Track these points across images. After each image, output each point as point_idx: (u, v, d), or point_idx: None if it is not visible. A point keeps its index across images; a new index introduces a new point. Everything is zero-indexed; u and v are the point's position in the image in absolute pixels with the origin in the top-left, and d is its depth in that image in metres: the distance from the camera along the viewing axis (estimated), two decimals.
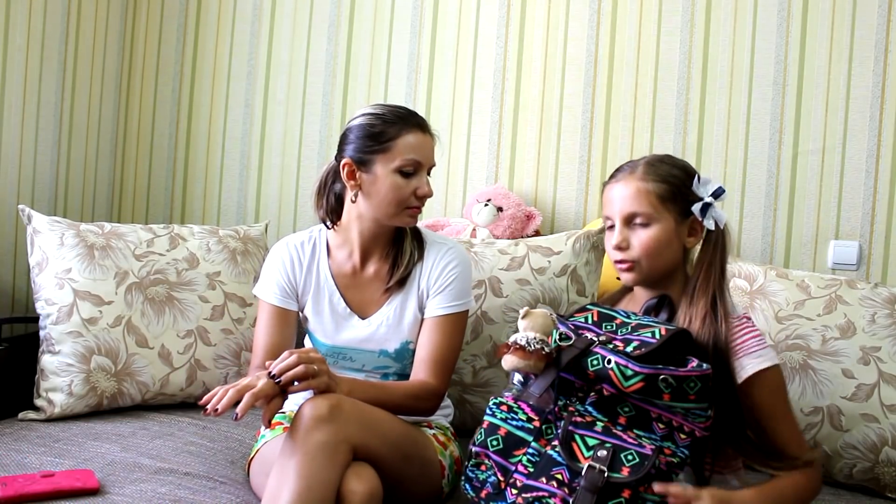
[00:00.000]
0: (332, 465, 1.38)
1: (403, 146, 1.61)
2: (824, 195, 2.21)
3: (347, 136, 1.66)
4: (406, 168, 1.61)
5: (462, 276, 1.71)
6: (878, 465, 1.77)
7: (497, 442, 1.34)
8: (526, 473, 1.30)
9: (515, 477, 1.31)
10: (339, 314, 1.70)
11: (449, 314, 1.68)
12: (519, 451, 1.33)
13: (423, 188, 1.63)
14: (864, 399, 1.79)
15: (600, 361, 1.29)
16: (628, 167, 1.51)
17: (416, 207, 1.65)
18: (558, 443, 1.29)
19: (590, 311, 1.44)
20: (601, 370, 1.28)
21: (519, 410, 1.35)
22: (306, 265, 1.72)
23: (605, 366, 1.28)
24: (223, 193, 2.58)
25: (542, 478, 1.28)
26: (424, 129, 1.65)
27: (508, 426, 1.35)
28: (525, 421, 1.34)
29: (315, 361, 1.45)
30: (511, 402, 1.36)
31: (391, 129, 1.61)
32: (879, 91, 2.17)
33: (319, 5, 2.50)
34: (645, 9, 2.30)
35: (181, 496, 1.52)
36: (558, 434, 1.30)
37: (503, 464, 1.33)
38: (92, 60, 2.47)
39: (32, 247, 2.00)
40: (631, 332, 1.35)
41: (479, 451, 1.35)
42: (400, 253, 1.71)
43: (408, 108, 1.68)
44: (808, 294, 1.91)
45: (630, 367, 1.26)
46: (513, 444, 1.33)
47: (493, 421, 1.36)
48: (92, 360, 1.91)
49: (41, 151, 2.30)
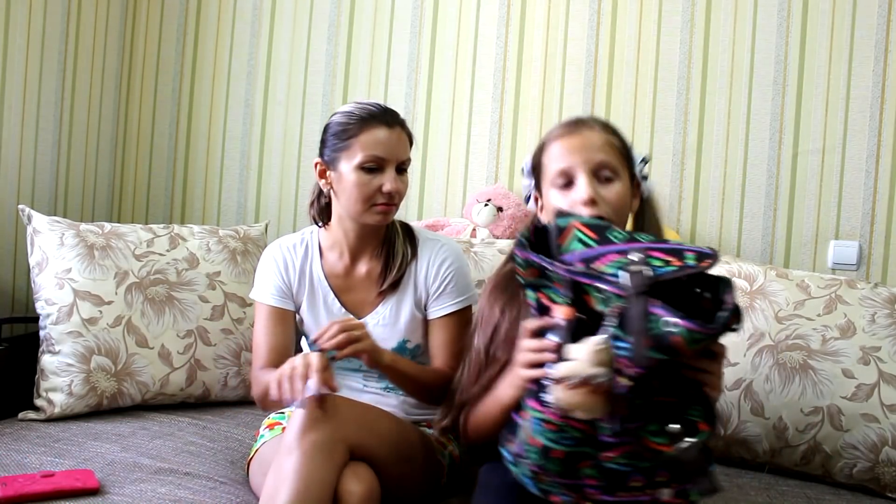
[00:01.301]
0: (329, 464, 1.38)
1: (365, 142, 1.60)
2: (824, 195, 2.21)
3: (323, 136, 1.68)
4: (368, 164, 1.60)
5: (459, 271, 1.71)
6: (879, 464, 1.77)
7: (556, 465, 1.16)
8: (599, 487, 1.16)
9: (589, 492, 1.17)
10: (334, 315, 1.70)
11: (455, 311, 1.69)
12: (584, 464, 1.16)
13: (388, 184, 1.60)
14: (865, 399, 1.78)
15: (657, 324, 1.05)
16: (586, 122, 1.36)
17: (384, 204, 1.62)
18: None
19: (577, 231, 1.19)
20: (661, 336, 1.04)
21: (569, 429, 1.14)
22: (299, 267, 1.72)
23: (663, 329, 1.04)
24: (223, 193, 2.58)
25: (618, 492, 1.15)
26: (391, 125, 1.62)
27: (563, 447, 1.15)
28: (580, 437, 1.14)
29: (357, 327, 1.50)
30: (556, 420, 1.14)
31: (354, 126, 1.61)
32: (879, 91, 2.17)
33: (319, 5, 2.50)
34: (645, 9, 2.30)
35: (181, 496, 1.52)
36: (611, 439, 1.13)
37: (570, 483, 1.18)
38: (92, 60, 2.47)
39: (32, 247, 2.00)
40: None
41: (536, 471, 1.18)
42: (392, 253, 1.70)
43: (382, 106, 1.65)
44: (808, 294, 1.91)
45: (700, 332, 1.03)
46: (574, 461, 1.16)
47: (543, 442, 1.15)
48: (92, 360, 1.91)
49: (41, 151, 2.30)
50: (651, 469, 1.14)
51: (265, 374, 1.62)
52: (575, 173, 1.31)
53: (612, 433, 1.11)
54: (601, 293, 1.11)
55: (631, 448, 1.12)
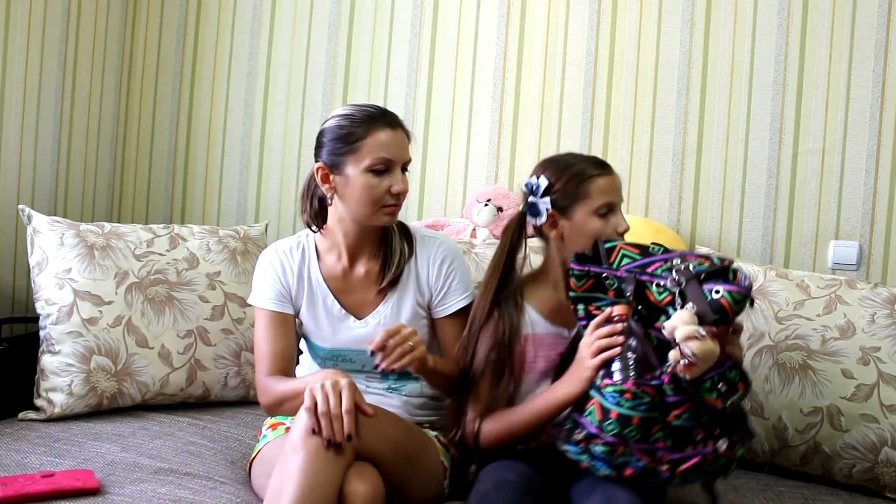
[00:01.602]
0: (334, 465, 1.38)
1: (372, 145, 1.59)
2: (824, 195, 2.21)
3: (321, 140, 1.65)
4: (377, 167, 1.60)
5: (460, 268, 1.73)
6: (878, 465, 1.77)
7: (634, 432, 1.38)
8: (668, 447, 1.39)
9: (661, 455, 1.39)
10: (334, 317, 1.70)
11: (462, 308, 1.71)
12: (655, 430, 1.39)
13: (397, 185, 1.61)
14: (864, 399, 1.79)
15: (709, 294, 1.38)
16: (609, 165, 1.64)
17: (392, 205, 1.62)
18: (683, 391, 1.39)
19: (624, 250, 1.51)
20: (712, 302, 1.37)
21: (643, 395, 1.39)
22: (297, 270, 1.71)
23: (713, 297, 1.37)
24: (223, 193, 2.57)
25: (687, 447, 1.39)
26: (394, 126, 1.63)
27: (639, 413, 1.38)
28: (651, 402, 1.38)
29: (409, 336, 1.49)
30: (633, 388, 1.39)
31: (359, 129, 1.60)
32: (879, 91, 2.17)
33: (319, 5, 2.50)
34: (645, 9, 2.30)
35: (181, 496, 1.52)
36: (674, 399, 1.39)
37: (646, 448, 1.39)
38: (92, 60, 2.47)
39: (32, 247, 2.00)
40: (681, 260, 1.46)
41: (614, 442, 1.39)
42: (390, 252, 1.70)
43: (379, 107, 1.66)
44: (808, 294, 1.91)
45: (738, 291, 1.38)
46: (648, 426, 1.39)
47: (622, 412, 1.39)
48: (92, 360, 1.91)
49: (41, 151, 2.30)
50: (709, 423, 1.40)
51: (274, 384, 1.62)
52: (616, 208, 1.60)
53: (676, 384, 1.38)
54: (660, 287, 1.43)
55: (691, 405, 1.38)
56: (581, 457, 1.43)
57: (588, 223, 1.57)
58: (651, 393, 1.38)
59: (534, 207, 1.61)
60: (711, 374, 1.38)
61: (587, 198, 1.57)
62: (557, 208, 1.59)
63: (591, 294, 1.53)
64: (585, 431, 1.43)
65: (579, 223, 1.58)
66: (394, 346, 1.47)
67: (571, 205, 1.58)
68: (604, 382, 1.43)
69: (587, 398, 1.45)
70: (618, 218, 1.59)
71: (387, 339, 1.47)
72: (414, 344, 1.49)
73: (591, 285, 1.52)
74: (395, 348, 1.46)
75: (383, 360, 1.46)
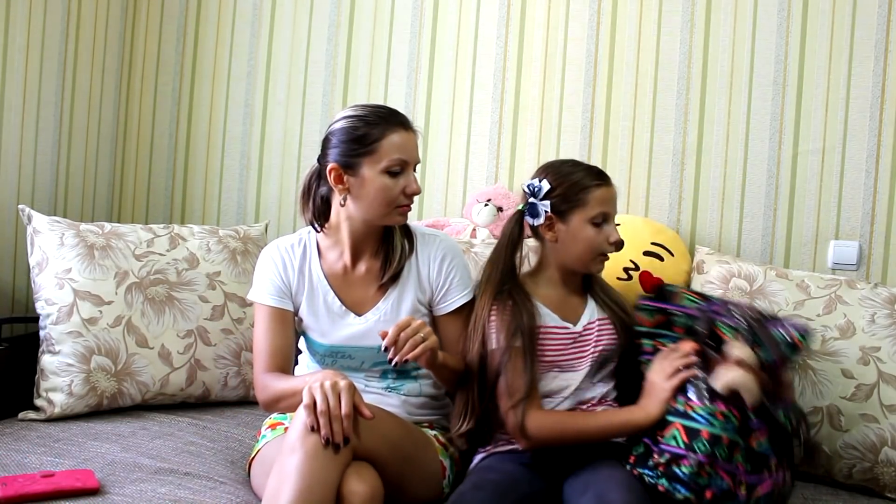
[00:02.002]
0: (332, 464, 1.38)
1: (389, 146, 1.61)
2: (824, 195, 2.21)
3: (330, 141, 1.65)
4: (393, 168, 1.61)
5: (460, 265, 1.75)
6: (878, 465, 1.77)
7: (723, 452, 1.46)
8: (748, 471, 1.47)
9: (741, 477, 1.46)
10: (334, 313, 1.70)
11: (463, 305, 1.72)
12: (736, 452, 1.47)
13: (412, 186, 1.63)
14: (864, 399, 1.79)
15: (780, 333, 1.53)
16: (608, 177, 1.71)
17: (405, 206, 1.65)
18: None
19: (685, 295, 1.66)
20: (784, 340, 1.53)
21: (732, 417, 1.47)
22: (298, 267, 1.72)
23: (783, 335, 1.53)
24: (223, 193, 2.58)
25: (763, 471, 1.48)
26: (407, 127, 1.65)
27: (728, 434, 1.46)
28: (737, 424, 1.47)
29: (419, 328, 1.49)
30: (724, 410, 1.47)
31: (375, 130, 1.61)
32: (879, 91, 2.17)
33: (319, 5, 2.50)
34: (645, 9, 2.30)
35: (181, 496, 1.52)
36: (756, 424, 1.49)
37: (729, 469, 1.46)
38: (92, 60, 2.47)
39: (32, 247, 2.00)
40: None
41: (702, 461, 1.45)
42: (391, 249, 1.71)
43: (388, 107, 1.68)
44: (808, 294, 1.91)
45: (805, 330, 1.55)
46: (732, 448, 1.46)
47: (714, 432, 1.46)
48: (92, 360, 1.91)
49: (41, 151, 2.30)
50: (781, 451, 1.50)
51: (272, 381, 1.62)
52: (609, 218, 1.67)
53: (759, 410, 1.47)
54: (730, 327, 1.55)
55: (770, 432, 1.48)
56: (659, 480, 1.49)
57: (582, 230, 1.65)
58: (737, 416, 1.47)
59: (533, 208, 1.68)
60: (785, 407, 1.52)
61: (584, 206, 1.65)
62: (555, 212, 1.66)
63: (659, 330, 1.63)
64: (668, 455, 1.49)
65: (574, 229, 1.66)
66: (406, 339, 1.47)
67: (569, 211, 1.66)
68: (690, 405, 1.50)
69: (663, 425, 1.52)
70: (610, 228, 1.67)
71: (398, 332, 1.47)
72: (425, 335, 1.49)
73: (661, 322, 1.64)
74: (406, 340, 1.47)
75: (396, 353, 1.47)
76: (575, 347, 1.67)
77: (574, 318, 1.69)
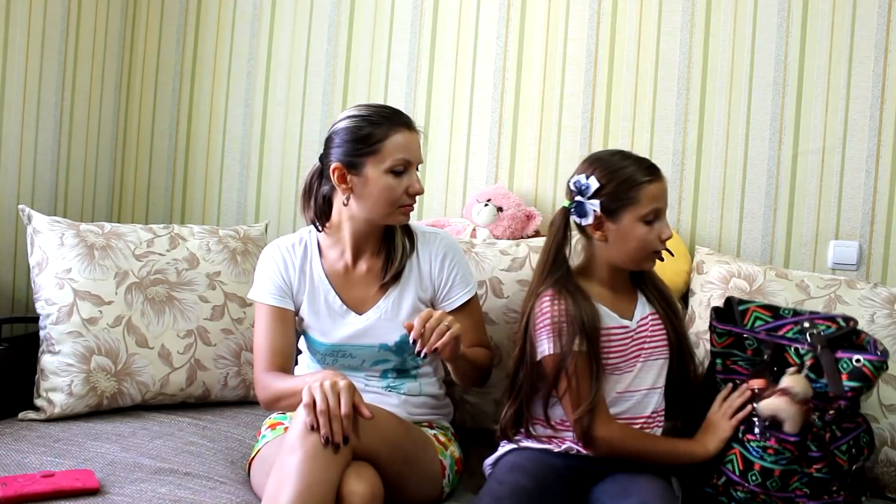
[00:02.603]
0: (332, 464, 1.38)
1: (392, 146, 1.61)
2: (824, 195, 2.21)
3: (333, 140, 1.65)
4: (397, 168, 1.62)
5: (461, 262, 1.75)
6: (878, 465, 1.77)
7: (775, 483, 1.52)
8: (806, 495, 1.53)
9: (799, 501, 1.53)
10: (335, 312, 1.70)
11: (466, 301, 1.73)
12: (793, 480, 1.53)
13: (415, 186, 1.64)
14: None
15: (849, 363, 1.53)
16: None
17: (408, 205, 1.65)
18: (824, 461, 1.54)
19: (757, 312, 1.66)
20: (854, 371, 1.52)
21: (784, 451, 1.51)
22: (299, 266, 1.72)
23: (854, 365, 1.52)
24: (223, 193, 2.57)
25: (823, 495, 1.54)
26: (411, 127, 1.65)
27: (780, 467, 1.52)
28: (791, 456, 1.52)
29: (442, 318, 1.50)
30: (775, 445, 1.52)
31: (378, 130, 1.61)
32: (879, 91, 2.17)
33: (319, 5, 2.50)
34: (645, 9, 2.30)
35: (181, 496, 1.52)
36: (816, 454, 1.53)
37: (785, 496, 1.54)
38: (92, 60, 2.47)
39: (32, 247, 2.00)
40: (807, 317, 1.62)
41: (756, 491, 1.54)
42: (392, 248, 1.71)
43: (391, 107, 1.68)
44: (808, 294, 1.91)
45: (879, 360, 1.52)
46: (788, 477, 1.53)
47: (765, 465, 1.53)
48: (92, 360, 1.91)
49: (41, 151, 2.30)
50: (843, 476, 1.55)
51: (273, 380, 1.62)
52: (662, 214, 1.61)
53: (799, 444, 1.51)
54: (798, 351, 1.58)
55: (828, 461, 1.53)
56: (720, 498, 1.59)
57: (634, 228, 1.58)
58: (791, 449, 1.51)
59: (581, 207, 1.61)
60: (849, 438, 1.55)
61: (636, 204, 1.57)
62: (604, 211, 1.59)
63: (730, 350, 1.65)
64: (725, 478, 1.57)
65: (625, 228, 1.58)
66: (431, 329, 1.48)
67: (619, 209, 1.58)
68: (747, 437, 1.55)
69: (727, 447, 1.58)
70: (662, 224, 1.60)
71: (423, 323, 1.48)
72: (449, 323, 1.50)
73: (730, 343, 1.65)
74: (433, 331, 1.48)
75: (423, 345, 1.47)
76: (634, 346, 1.63)
77: (629, 314, 1.65)
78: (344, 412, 1.39)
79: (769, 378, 1.57)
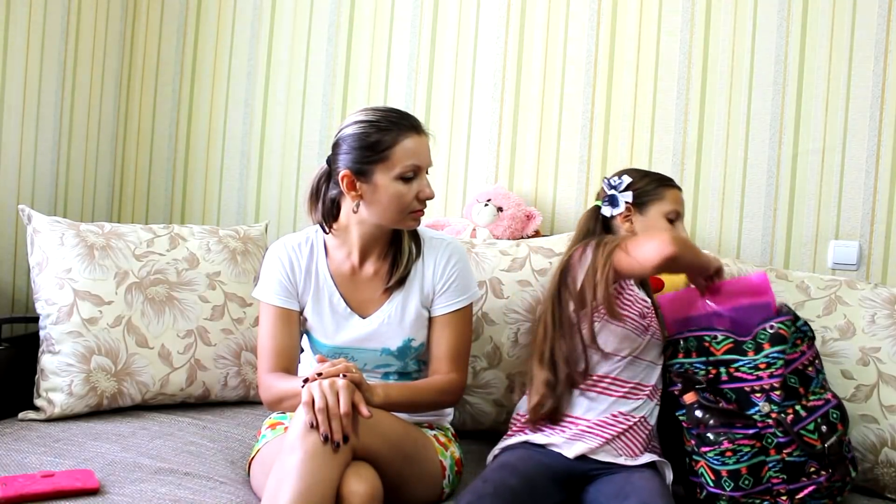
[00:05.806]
0: (331, 464, 1.38)
1: (402, 153, 1.59)
2: (824, 195, 2.21)
3: (341, 146, 1.63)
4: (407, 174, 1.60)
5: (463, 269, 1.72)
6: (878, 465, 1.77)
7: (748, 482, 1.56)
8: (784, 481, 1.56)
9: (778, 489, 1.56)
10: (339, 314, 1.70)
11: (457, 310, 1.70)
12: (764, 470, 1.57)
13: (426, 190, 1.62)
14: (864, 400, 1.79)
15: (765, 332, 1.63)
16: None
17: (419, 210, 1.64)
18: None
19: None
20: (773, 336, 1.62)
21: (742, 447, 1.56)
22: (305, 266, 1.71)
23: (769, 332, 1.63)
24: (223, 193, 2.58)
25: (801, 478, 1.56)
26: (419, 131, 1.63)
27: (745, 463, 1.56)
28: (751, 450, 1.56)
29: (349, 369, 1.46)
30: (731, 446, 1.57)
31: (387, 136, 1.59)
32: (879, 91, 2.17)
33: (319, 5, 2.50)
34: (645, 9, 2.30)
35: (181, 496, 1.52)
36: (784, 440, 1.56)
37: (764, 489, 1.57)
38: (92, 60, 2.47)
39: (32, 247, 2.00)
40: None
41: (735, 496, 1.57)
42: (399, 252, 1.70)
43: (399, 111, 1.66)
44: (808, 295, 1.91)
45: (788, 319, 1.65)
46: (758, 470, 1.57)
47: (730, 468, 1.56)
48: (92, 360, 1.91)
49: (41, 151, 2.30)
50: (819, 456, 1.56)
51: (276, 381, 1.62)
52: (681, 218, 1.83)
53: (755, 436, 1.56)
54: (717, 339, 1.68)
55: (798, 443, 1.55)
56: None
57: (658, 222, 1.79)
58: (749, 444, 1.56)
59: (614, 199, 1.80)
60: (815, 417, 1.58)
61: (662, 200, 1.80)
62: (635, 204, 1.79)
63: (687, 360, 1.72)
64: (706, 492, 1.61)
65: (651, 221, 1.79)
66: (323, 408, 1.39)
67: (648, 203, 1.80)
68: (702, 450, 1.60)
69: (695, 461, 1.63)
70: (679, 227, 1.81)
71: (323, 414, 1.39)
72: (336, 383, 1.42)
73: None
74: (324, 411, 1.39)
75: (333, 436, 1.39)
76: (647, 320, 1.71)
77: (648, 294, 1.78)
78: (343, 411, 1.39)
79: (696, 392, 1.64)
